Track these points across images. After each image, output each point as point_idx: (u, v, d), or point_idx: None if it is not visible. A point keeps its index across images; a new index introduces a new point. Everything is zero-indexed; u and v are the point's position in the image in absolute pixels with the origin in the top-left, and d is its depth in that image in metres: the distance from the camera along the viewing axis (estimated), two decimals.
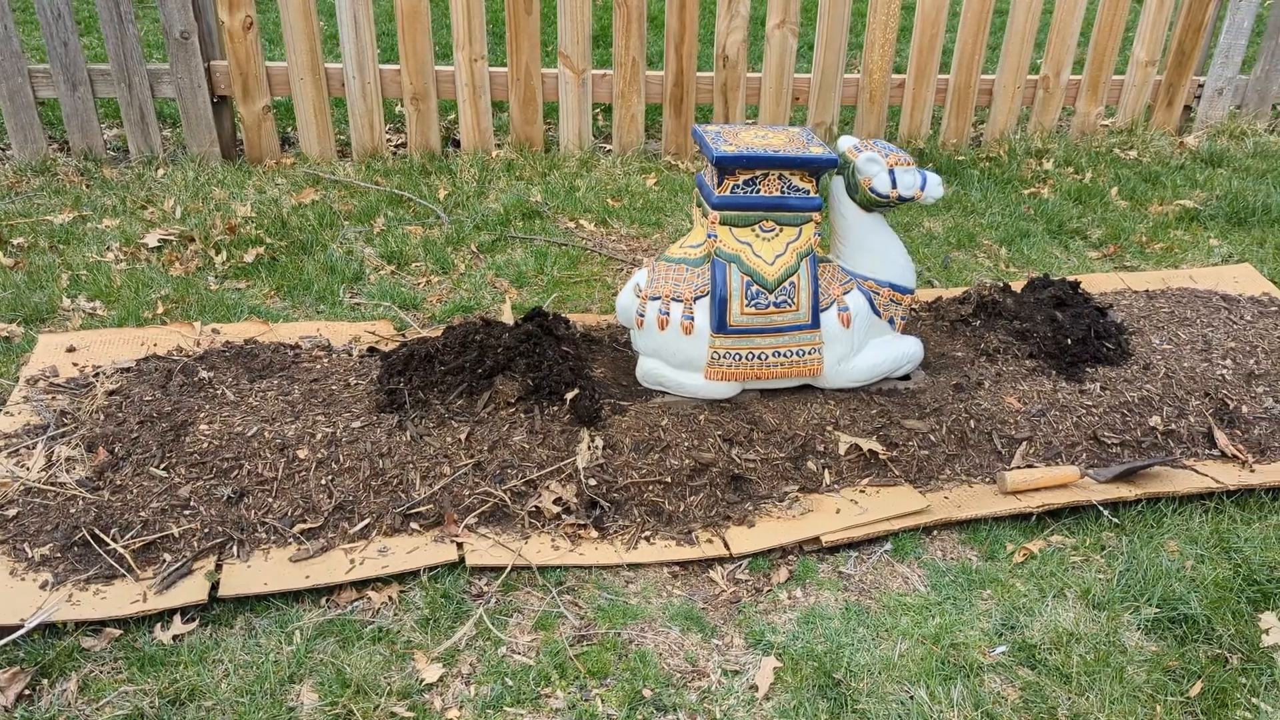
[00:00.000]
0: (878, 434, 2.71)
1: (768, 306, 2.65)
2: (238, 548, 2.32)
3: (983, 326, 3.06)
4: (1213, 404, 2.85)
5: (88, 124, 4.46)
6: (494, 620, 2.23)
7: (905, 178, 2.69)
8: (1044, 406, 2.79)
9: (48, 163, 4.42)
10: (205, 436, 2.51)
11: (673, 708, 2.06)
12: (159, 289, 3.53)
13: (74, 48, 4.29)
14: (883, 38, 4.79)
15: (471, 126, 4.69)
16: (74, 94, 4.38)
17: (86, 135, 4.48)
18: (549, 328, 2.79)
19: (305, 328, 3.21)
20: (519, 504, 2.47)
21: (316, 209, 4.11)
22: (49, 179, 4.34)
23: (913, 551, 2.48)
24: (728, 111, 4.80)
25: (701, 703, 2.07)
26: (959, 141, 4.97)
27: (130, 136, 4.50)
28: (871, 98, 4.90)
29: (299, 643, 2.14)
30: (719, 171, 2.60)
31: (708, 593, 2.37)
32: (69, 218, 3.99)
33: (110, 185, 4.29)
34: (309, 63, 4.46)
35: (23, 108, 4.37)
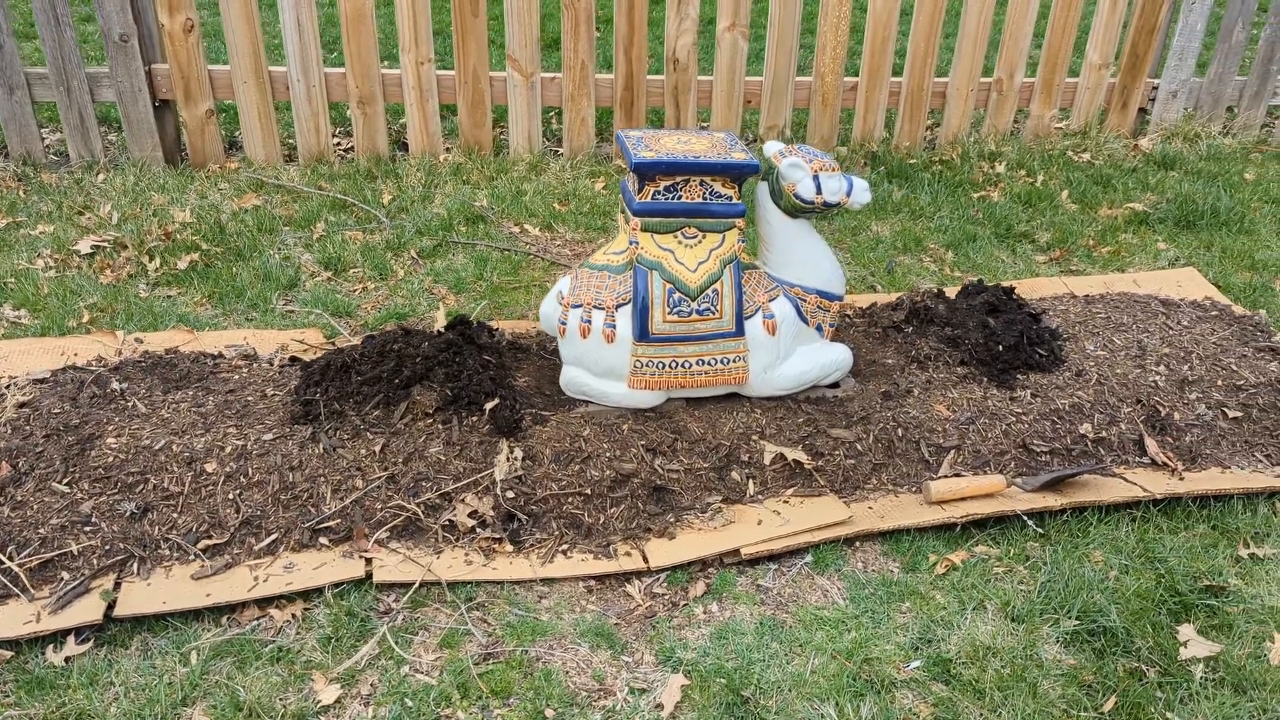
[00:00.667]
0: (803, 443, 2.67)
1: (690, 314, 2.60)
2: (139, 565, 2.27)
3: (915, 333, 3.02)
4: (1144, 411, 2.82)
5: (25, 128, 4.39)
6: (398, 638, 2.18)
7: (830, 183, 2.65)
8: (973, 414, 2.76)
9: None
10: (111, 450, 2.46)
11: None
12: (88, 297, 3.46)
13: (9, 50, 4.22)
14: (834, 40, 4.75)
15: (420, 130, 4.64)
16: (10, 98, 4.31)
17: (25, 140, 4.41)
18: (471, 336, 2.75)
19: (232, 336, 3.16)
20: (433, 517, 2.42)
21: (257, 215, 4.05)
22: None
23: (833, 563, 2.44)
24: (679, 115, 4.76)
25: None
26: (912, 145, 4.94)
27: (70, 141, 4.43)
28: (824, 101, 4.87)
29: (195, 664, 2.09)
30: (639, 177, 2.56)
31: (623, 608, 2.32)
32: (1, 224, 3.91)
33: (48, 190, 4.22)
34: (252, 66, 4.40)
35: None
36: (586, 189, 4.41)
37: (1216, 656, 2.19)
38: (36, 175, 4.34)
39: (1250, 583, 2.42)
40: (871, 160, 4.80)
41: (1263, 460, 2.74)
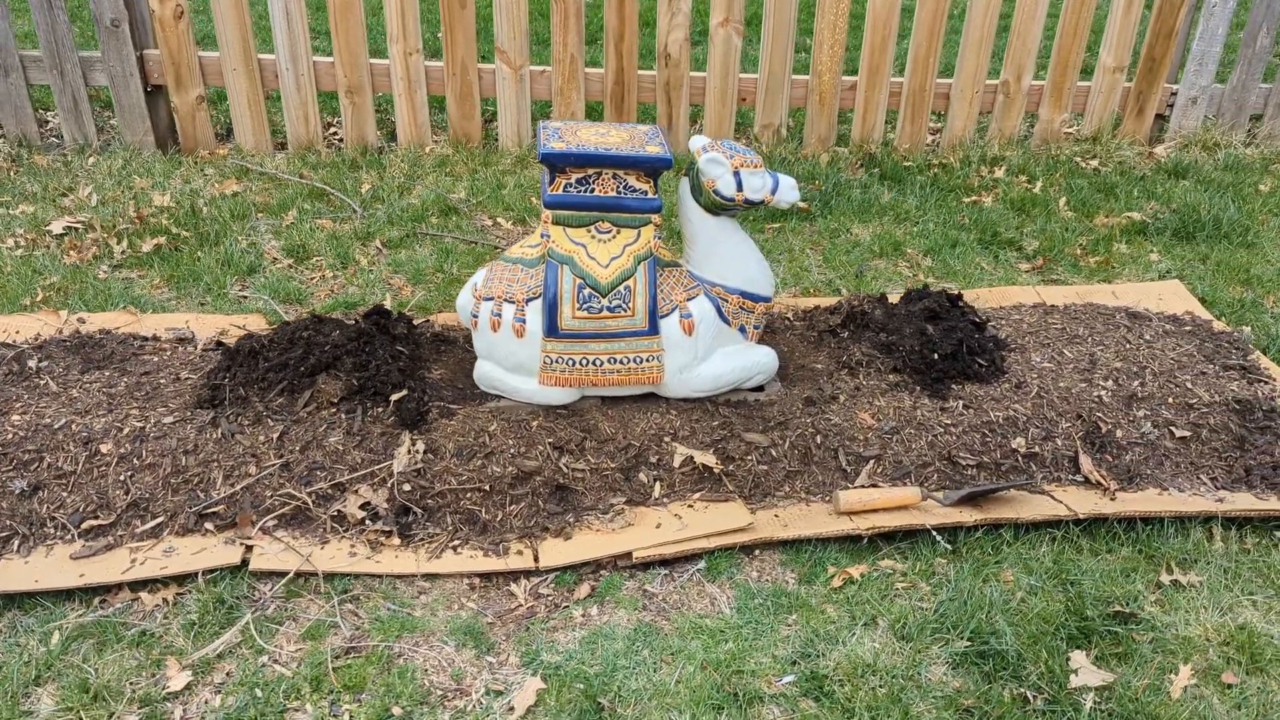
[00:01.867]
0: (716, 446, 2.59)
1: (601, 311, 2.54)
2: (20, 543, 2.28)
3: (850, 338, 2.92)
4: (1084, 427, 2.70)
5: (21, 110, 4.47)
6: (262, 628, 2.15)
7: (752, 180, 2.57)
8: (899, 424, 2.66)
9: None
10: (13, 427, 2.47)
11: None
12: (49, 276, 3.51)
13: (4, 32, 4.31)
14: (831, 38, 4.65)
15: (408, 121, 4.64)
16: (5, 79, 4.39)
17: (20, 121, 4.50)
18: (386, 327, 2.72)
19: (175, 319, 3.17)
20: (322, 507, 2.40)
21: (233, 201, 4.08)
22: None
23: (726, 571, 2.37)
24: (671, 111, 4.70)
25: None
26: (914, 147, 4.81)
27: (64, 124, 4.51)
28: (821, 100, 4.76)
29: (55, 644, 2.08)
30: (550, 169, 2.50)
31: (503, 607, 2.27)
32: None
33: (38, 172, 4.29)
34: (241, 53, 4.43)
35: None
36: None
37: (1110, 686, 2.07)
38: (29, 156, 4.42)
39: (1167, 610, 2.29)
40: (868, 162, 4.69)
41: (1206, 483, 2.60)
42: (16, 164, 4.37)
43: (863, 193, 4.34)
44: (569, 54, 4.55)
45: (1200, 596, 2.33)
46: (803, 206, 4.20)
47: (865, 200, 4.28)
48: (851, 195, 4.30)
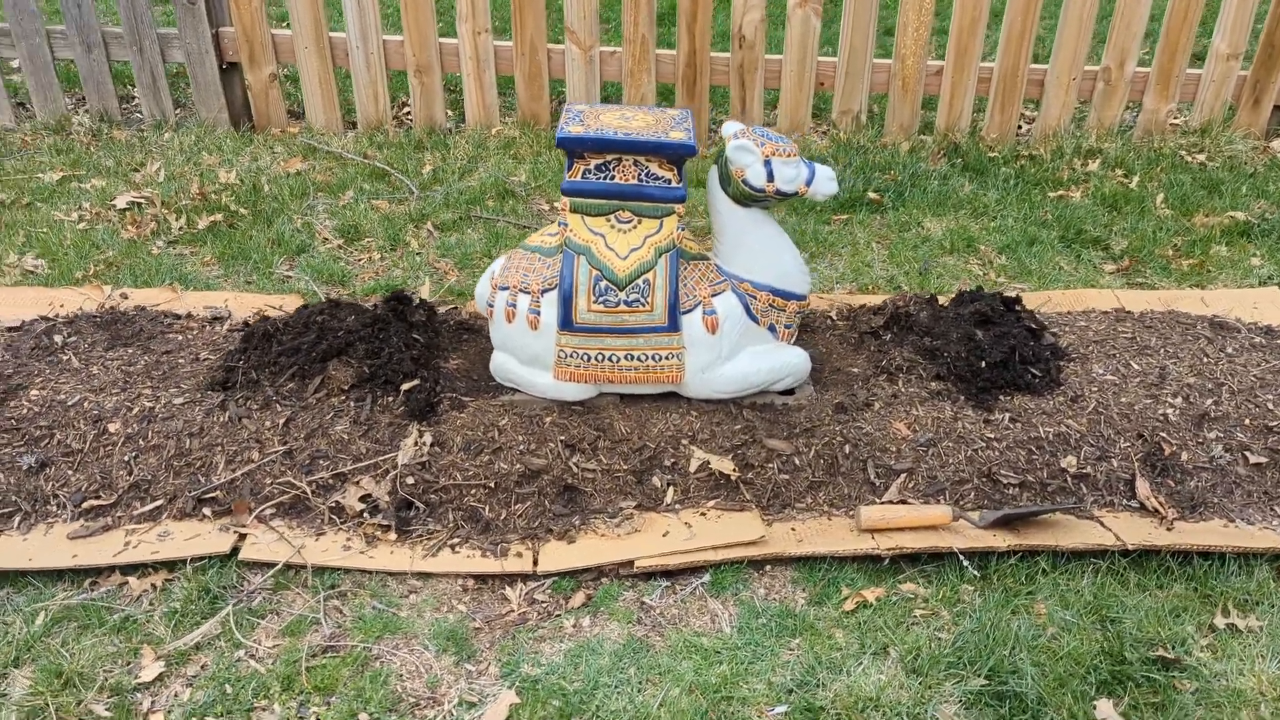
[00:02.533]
0: (735, 452, 2.45)
1: (618, 305, 2.42)
2: (22, 519, 2.27)
3: (892, 341, 2.74)
4: (1145, 447, 2.47)
5: (103, 85, 4.55)
6: (243, 620, 2.10)
7: (784, 170, 2.41)
8: (936, 436, 2.47)
9: (63, 122, 4.53)
10: (30, 403, 2.48)
11: None
12: (106, 251, 3.54)
13: (87, 9, 4.38)
14: (917, 20, 4.41)
15: (476, 102, 4.57)
16: (89, 55, 4.47)
17: (102, 96, 4.58)
18: (403, 313, 2.64)
19: (215, 297, 3.17)
20: (321, 498, 2.34)
21: (295, 180, 4.07)
22: (63, 138, 4.45)
23: (732, 587, 2.22)
24: (745, 95, 4.53)
25: None
26: (1002, 137, 4.53)
27: (143, 99, 4.58)
28: (904, 85, 4.53)
29: (39, 625, 2.07)
30: (567, 154, 2.39)
31: (494, 611, 2.18)
32: (58, 176, 4.07)
33: (115, 147, 4.36)
34: (313, 32, 4.42)
35: (41, 68, 4.49)
36: None
37: None
38: (109, 131, 4.49)
39: (1218, 657, 2.06)
40: (951, 151, 4.44)
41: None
42: (96, 139, 4.45)
43: (940, 184, 4.11)
44: (640, 34, 4.42)
45: (1259, 644, 2.09)
46: (874, 198, 3.99)
47: (942, 192, 4.04)
48: (928, 187, 4.07)
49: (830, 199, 2.46)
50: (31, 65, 4.49)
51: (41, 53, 4.46)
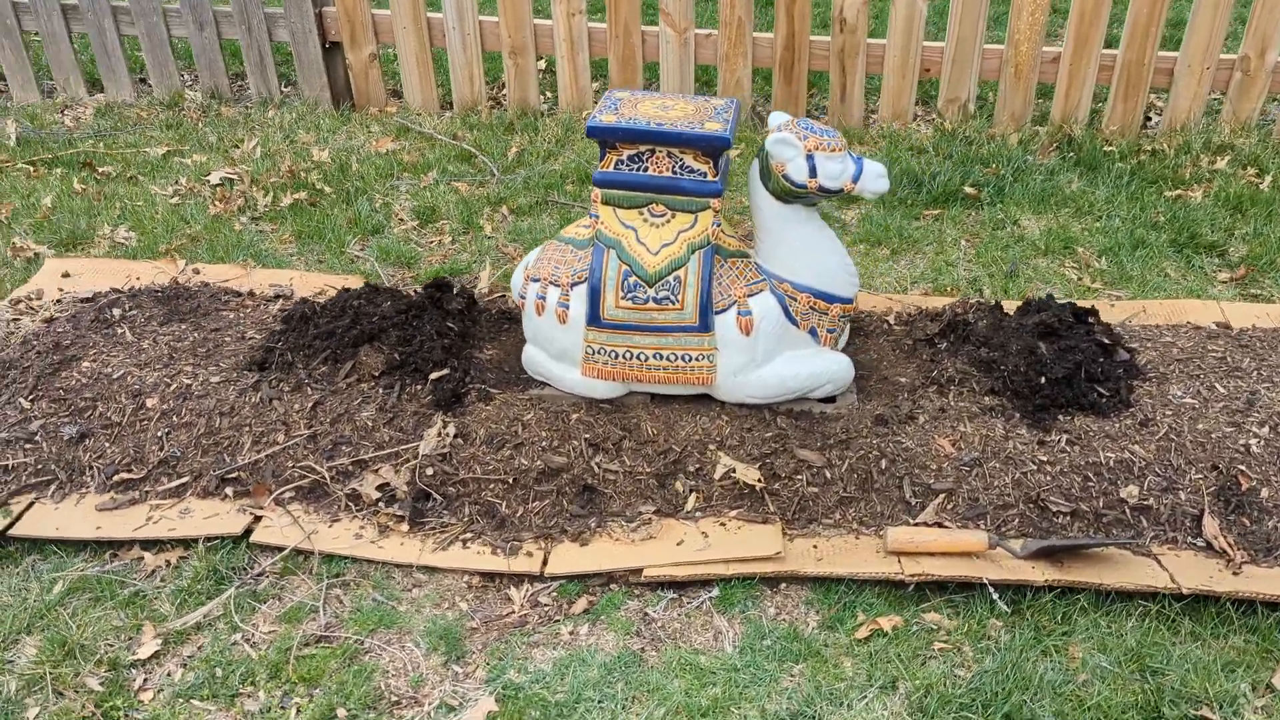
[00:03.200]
0: (764, 461, 2.34)
1: (646, 301, 2.33)
2: (57, 488, 2.34)
3: (947, 350, 2.56)
4: (1220, 480, 2.24)
5: (214, 63, 4.69)
6: (245, 603, 2.11)
7: (828, 165, 2.27)
8: (982, 455, 2.30)
9: (176, 98, 4.69)
10: (80, 374, 2.55)
11: None
12: (193, 225, 3.64)
13: None
14: (1033, 3, 4.14)
15: (569, 84, 4.53)
16: (201, 34, 4.61)
17: (213, 74, 4.72)
18: (439, 300, 2.61)
19: (281, 275, 3.21)
20: (340, 484, 2.34)
21: (384, 159, 4.11)
22: (175, 113, 4.60)
23: (741, 603, 2.12)
24: (845, 81, 4.35)
25: None
26: (1124, 129, 4.22)
27: (251, 77, 4.70)
28: (1017, 72, 4.27)
29: (56, 593, 2.12)
30: (600, 144, 2.31)
31: (494, 612, 2.14)
32: (163, 151, 4.21)
33: (221, 123, 4.49)
34: (411, 12, 4.45)
35: (158, 45, 4.65)
36: None
37: None
38: (218, 108, 4.63)
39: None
40: (1065, 144, 4.16)
41: None
42: (205, 115, 4.58)
43: (1046, 180, 3.85)
44: (736, 16, 4.28)
45: None
46: (970, 192, 3.77)
47: (1046, 188, 3.79)
48: (1031, 182, 3.83)
49: (879, 197, 2.30)
50: (149, 42, 4.65)
51: (158, 30, 4.62)
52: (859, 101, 4.38)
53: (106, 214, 3.71)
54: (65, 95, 4.79)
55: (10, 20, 4.63)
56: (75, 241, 3.56)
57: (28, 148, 4.26)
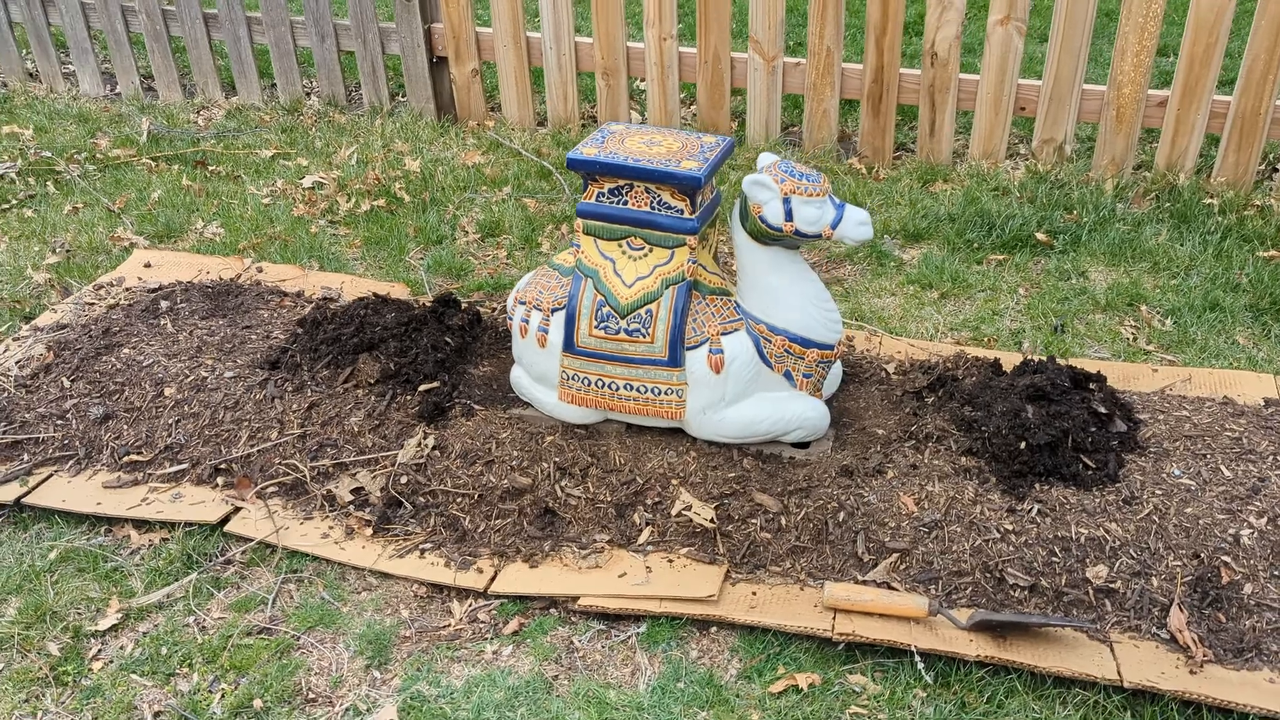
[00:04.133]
0: (721, 501, 2.33)
1: (618, 332, 2.37)
2: (74, 464, 2.55)
3: (934, 406, 2.48)
4: (1198, 569, 2.10)
5: (332, 72, 4.97)
6: (204, 589, 2.26)
7: (805, 210, 2.25)
8: (944, 517, 2.22)
9: (297, 104, 4.99)
10: (118, 359, 2.78)
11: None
12: (276, 226, 3.88)
13: (323, 3, 4.79)
14: (1138, 43, 3.95)
15: (658, 106, 4.59)
16: (322, 45, 4.89)
17: (331, 82, 5.00)
18: (442, 315, 2.71)
19: (334, 279, 3.39)
20: (319, 484, 2.46)
21: (467, 172, 4.26)
22: (294, 118, 4.91)
23: (665, 642, 2.12)
24: (934, 116, 4.25)
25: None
26: (1234, 182, 3.96)
27: (364, 87, 4.95)
28: (1119, 115, 4.07)
29: (49, 560, 2.32)
30: (583, 176, 2.36)
31: (431, 623, 2.21)
32: (271, 153, 4.49)
33: (330, 129, 4.75)
34: (511, 31, 4.60)
35: (285, 54, 4.96)
36: None
37: None
38: (332, 114, 4.90)
39: None
40: (1166, 194, 3.94)
41: None
42: (319, 120, 4.86)
43: (1131, 230, 3.66)
44: (825, 47, 4.25)
45: None
46: (1042, 239, 3.62)
47: (1128, 239, 3.60)
48: (1112, 232, 3.65)
49: (862, 244, 2.26)
50: (277, 51, 4.96)
51: (285, 40, 4.92)
52: (948, 137, 4.26)
53: (203, 210, 3.99)
54: (203, 97, 5.16)
55: (159, 26, 5.02)
56: (170, 234, 3.84)
57: (156, 144, 4.61)
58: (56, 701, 2.03)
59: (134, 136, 4.64)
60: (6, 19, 5.23)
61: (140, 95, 5.18)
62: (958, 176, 4.13)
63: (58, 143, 4.61)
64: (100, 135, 4.66)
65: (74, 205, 4.04)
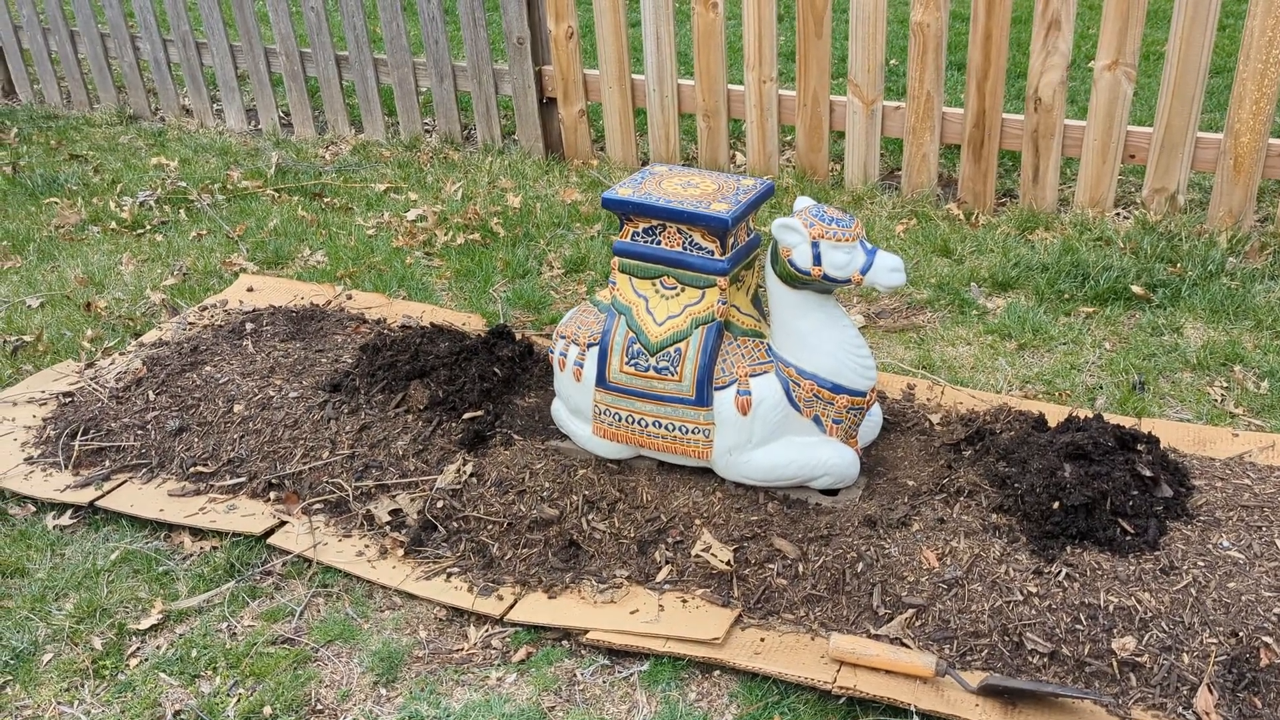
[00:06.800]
0: (740, 544, 2.32)
1: (647, 370, 2.39)
2: (146, 471, 2.74)
3: (970, 460, 2.40)
4: (1235, 648, 1.97)
5: (449, 111, 5.18)
6: (240, 596, 2.38)
7: (834, 255, 2.24)
8: (966, 575, 2.16)
9: (415, 141, 5.23)
10: (200, 376, 2.96)
11: None
12: (377, 255, 4.07)
13: (443, 46, 5.02)
14: (1259, 90, 3.77)
15: (757, 148, 4.62)
16: (440, 85, 5.12)
17: (448, 121, 5.22)
18: (493, 346, 2.79)
19: (416, 308, 3.53)
20: (361, 504, 2.56)
21: (563, 209, 4.38)
22: (412, 154, 5.14)
23: (666, 682, 2.12)
24: (1038, 162, 4.14)
25: None
26: None
27: (478, 126, 5.15)
28: (1236, 166, 3.88)
29: (110, 560, 2.49)
30: (619, 216, 2.41)
31: (446, 646, 2.27)
32: (384, 188, 4.72)
33: (442, 165, 4.96)
34: (617, 73, 4.72)
35: (407, 94, 5.22)
36: (888, 230, 4.05)
37: None
38: (447, 151, 5.11)
39: None
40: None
41: None
42: (434, 157, 5.07)
43: (1239, 287, 3.47)
44: (925, 90, 4.19)
45: None
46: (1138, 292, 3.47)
47: (1232, 296, 3.41)
48: (1216, 287, 3.46)
49: (895, 291, 2.23)
50: (399, 91, 5.21)
51: (408, 81, 5.17)
52: (1052, 185, 4.14)
53: (312, 239, 4.21)
54: (333, 133, 5.46)
55: (297, 66, 5.34)
56: (278, 261, 4.07)
57: (283, 177, 4.90)
58: (93, 693, 2.17)
59: (263, 169, 4.93)
60: (166, 60, 5.66)
61: (278, 131, 5.51)
62: (1060, 225, 4.00)
63: (197, 173, 4.94)
64: (234, 167, 4.97)
65: (199, 232, 4.32)
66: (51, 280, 3.90)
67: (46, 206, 4.60)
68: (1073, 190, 4.17)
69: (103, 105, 5.99)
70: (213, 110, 5.76)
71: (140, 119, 5.85)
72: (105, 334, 3.48)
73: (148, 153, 5.25)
